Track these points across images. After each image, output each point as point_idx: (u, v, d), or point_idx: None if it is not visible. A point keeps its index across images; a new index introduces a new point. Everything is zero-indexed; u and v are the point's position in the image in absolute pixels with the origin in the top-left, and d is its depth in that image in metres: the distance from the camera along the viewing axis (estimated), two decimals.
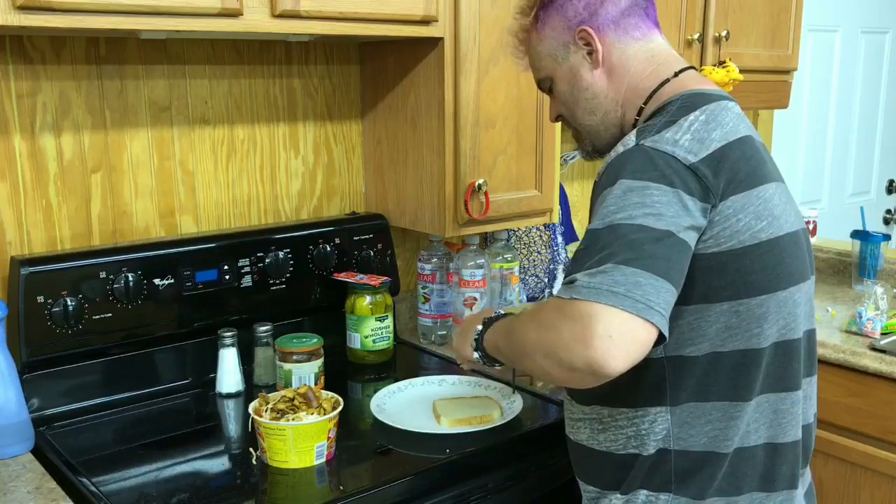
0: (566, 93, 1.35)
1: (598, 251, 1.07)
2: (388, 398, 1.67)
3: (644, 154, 1.13)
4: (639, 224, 1.07)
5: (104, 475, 1.40)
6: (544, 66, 1.36)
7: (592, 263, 1.06)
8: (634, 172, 1.12)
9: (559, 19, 1.31)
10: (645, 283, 1.03)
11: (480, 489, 1.48)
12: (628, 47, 1.29)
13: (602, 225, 1.09)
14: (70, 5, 1.31)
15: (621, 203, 1.09)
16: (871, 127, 3.93)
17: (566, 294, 1.06)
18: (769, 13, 2.47)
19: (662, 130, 1.16)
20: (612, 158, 1.18)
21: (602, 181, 1.17)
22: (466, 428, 1.53)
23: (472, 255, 2.06)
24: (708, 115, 1.19)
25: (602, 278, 1.04)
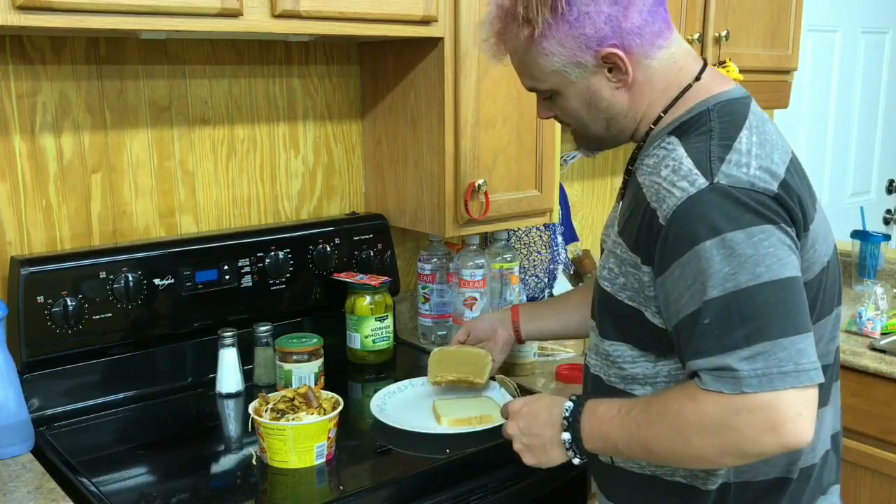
0: (577, 110, 1.22)
1: (740, 325, 1.01)
2: (388, 398, 1.67)
3: (727, 195, 1.04)
4: (767, 282, 1.01)
5: (104, 475, 1.40)
6: (549, 81, 1.21)
7: (739, 342, 1.00)
8: (730, 221, 1.02)
9: (573, 36, 1.14)
10: (803, 346, 1.01)
11: (480, 489, 1.48)
12: (654, 60, 1.17)
13: (725, 292, 1.01)
14: (70, 5, 1.31)
15: (734, 262, 1.01)
16: (871, 127, 3.93)
17: (728, 388, 1.00)
18: (769, 13, 2.47)
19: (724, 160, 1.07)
20: (679, 200, 1.06)
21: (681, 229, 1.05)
22: (466, 428, 1.53)
23: (472, 255, 2.06)
24: (758, 136, 1.11)
25: (766, 362, 0.99)
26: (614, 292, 1.19)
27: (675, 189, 1.07)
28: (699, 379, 1.04)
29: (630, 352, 1.20)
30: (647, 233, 1.10)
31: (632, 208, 1.16)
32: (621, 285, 1.17)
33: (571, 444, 1.19)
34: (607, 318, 1.22)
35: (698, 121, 1.14)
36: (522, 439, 1.25)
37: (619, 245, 1.18)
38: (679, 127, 1.16)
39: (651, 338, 1.16)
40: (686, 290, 1.05)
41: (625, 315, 1.18)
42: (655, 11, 1.15)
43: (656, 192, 1.10)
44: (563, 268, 2.57)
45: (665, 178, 1.09)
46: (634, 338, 1.19)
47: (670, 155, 1.12)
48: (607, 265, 1.21)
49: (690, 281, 1.04)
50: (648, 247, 1.10)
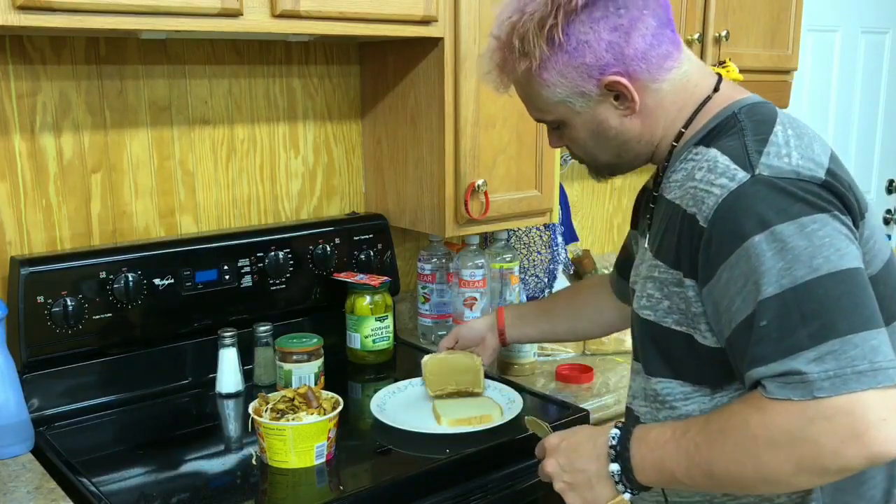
0: (586, 140, 1.17)
1: (801, 324, 0.92)
2: (389, 398, 1.67)
3: (772, 186, 0.97)
4: (826, 274, 0.92)
5: (104, 475, 1.40)
6: (554, 112, 1.16)
7: (803, 343, 0.91)
8: (778, 212, 0.95)
9: (573, 66, 1.09)
10: (877, 342, 0.91)
11: (480, 489, 1.47)
12: (663, 83, 1.11)
13: (781, 289, 0.93)
14: (70, 5, 1.31)
15: (788, 255, 0.93)
16: (871, 127, 3.93)
17: (797, 394, 0.90)
18: (769, 13, 2.47)
19: (762, 152, 1.00)
20: (719, 198, 0.99)
21: (725, 228, 0.98)
22: (466, 428, 1.53)
23: (472, 255, 2.06)
24: (793, 129, 1.05)
25: (836, 362, 0.89)
26: (658, 319, 1.10)
27: (714, 187, 1.00)
28: (763, 388, 0.94)
29: (681, 388, 1.11)
30: (689, 241, 1.02)
31: (665, 225, 1.10)
32: (665, 310, 1.09)
33: (621, 476, 1.07)
34: (653, 352, 1.13)
35: (726, 125, 1.09)
36: (564, 477, 1.13)
37: (656, 267, 1.10)
38: (706, 136, 1.10)
39: (704, 366, 1.07)
40: (737, 295, 0.97)
41: (673, 343, 1.09)
42: (661, 34, 1.10)
43: (693, 196, 1.03)
44: (563, 268, 2.57)
45: (701, 180, 1.03)
46: (685, 371, 1.10)
47: (702, 158, 1.06)
48: (644, 293, 1.13)
49: (741, 283, 0.96)
50: (691, 257, 1.03)
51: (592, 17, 1.07)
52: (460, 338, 1.73)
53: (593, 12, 1.07)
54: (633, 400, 1.23)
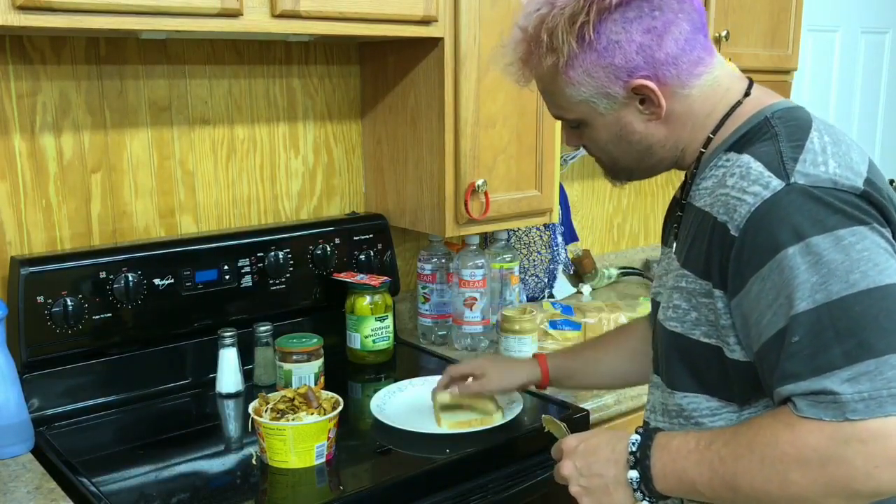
0: (607, 142, 1.14)
1: (836, 342, 0.89)
2: (389, 398, 1.67)
3: (808, 195, 0.93)
4: (864, 290, 0.89)
5: (104, 475, 1.40)
6: (575, 111, 1.12)
7: (837, 362, 0.88)
8: (814, 224, 0.91)
9: (601, 66, 1.06)
10: None
11: (480, 489, 1.47)
12: (692, 89, 1.08)
13: (815, 304, 0.90)
14: (70, 5, 1.31)
15: (822, 269, 0.90)
16: (871, 127, 3.93)
17: (829, 415, 0.88)
18: (769, 13, 2.47)
19: (797, 159, 0.97)
20: (752, 207, 0.95)
21: (758, 238, 0.95)
22: (466, 429, 1.53)
23: (472, 255, 2.06)
24: (830, 136, 1.01)
25: (871, 383, 0.86)
26: (686, 331, 1.07)
27: (747, 195, 0.96)
28: (793, 405, 0.91)
29: (708, 403, 1.08)
30: (719, 251, 0.99)
31: (694, 234, 1.07)
32: (693, 321, 1.06)
33: (639, 483, 1.03)
34: (678, 366, 1.10)
35: (759, 130, 1.05)
36: (580, 481, 1.09)
37: (683, 277, 1.07)
38: (737, 142, 1.07)
39: (733, 381, 1.04)
40: (768, 308, 0.94)
41: (701, 357, 1.06)
42: (694, 39, 1.06)
43: (724, 203, 0.99)
44: (563, 268, 2.58)
45: (733, 187, 0.99)
46: (713, 385, 1.07)
47: (734, 164, 1.02)
48: (671, 304, 1.10)
49: (773, 296, 0.93)
50: (720, 267, 1.00)
51: (626, 17, 1.04)
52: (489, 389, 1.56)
53: (627, 12, 1.04)
54: (650, 414, 1.21)
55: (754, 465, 0.93)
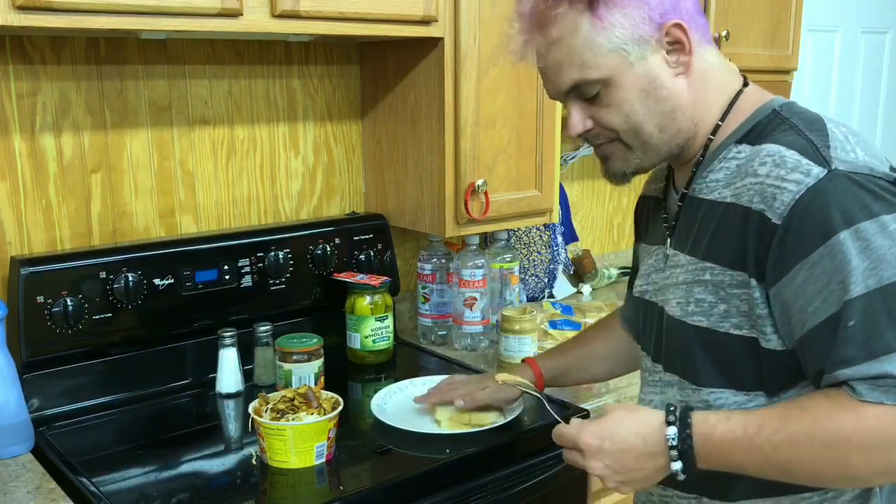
0: (633, 102, 1.07)
1: (889, 326, 0.90)
2: (389, 398, 1.67)
3: (852, 181, 0.94)
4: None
5: (104, 475, 1.40)
6: (602, 65, 1.05)
7: (893, 344, 0.89)
8: (861, 209, 0.93)
9: (637, 4, 1.03)
10: None
11: (480, 489, 1.47)
12: (706, 52, 1.09)
13: (867, 289, 0.91)
14: (70, 5, 1.31)
15: (872, 255, 0.91)
16: (872, 127, 3.93)
17: (891, 398, 0.89)
18: (769, 13, 2.47)
19: (829, 147, 0.97)
20: (796, 194, 0.95)
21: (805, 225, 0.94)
22: (466, 430, 1.53)
23: (472, 255, 2.06)
24: (844, 126, 1.02)
25: None
26: (713, 325, 1.05)
27: (788, 183, 0.96)
28: (852, 389, 0.92)
29: (735, 397, 1.07)
30: (757, 240, 0.98)
31: (714, 226, 1.06)
32: (721, 314, 1.04)
33: (684, 471, 1.02)
34: (704, 362, 1.08)
35: (770, 122, 1.05)
36: (617, 477, 1.07)
37: (707, 270, 1.06)
38: (747, 134, 1.07)
39: (765, 372, 1.04)
40: (817, 294, 0.94)
41: (731, 350, 1.05)
42: (701, 11, 1.10)
43: (760, 192, 0.98)
44: (563, 268, 2.58)
45: (768, 175, 0.98)
46: (741, 378, 1.06)
47: (758, 155, 1.01)
48: (692, 299, 1.08)
49: (824, 281, 0.93)
50: (757, 256, 0.99)
51: None
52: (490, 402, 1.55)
53: None
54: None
55: (815, 451, 0.93)
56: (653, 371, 1.20)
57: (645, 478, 1.06)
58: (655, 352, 1.20)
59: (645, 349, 1.24)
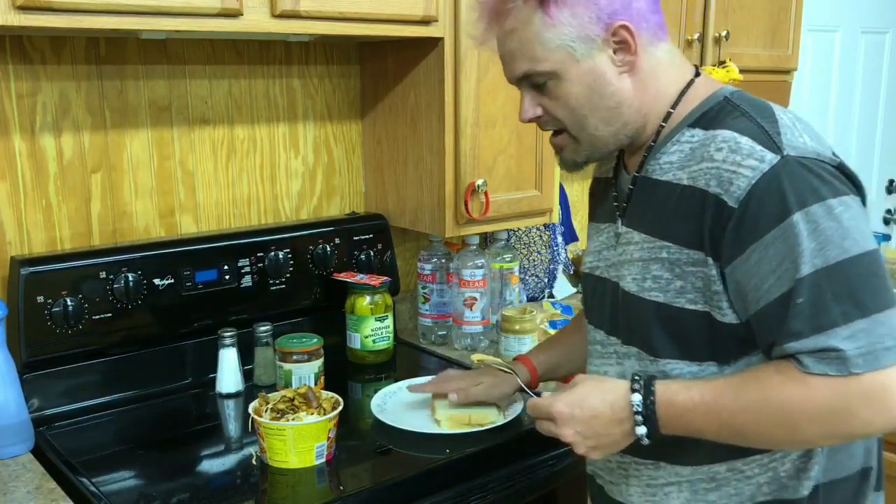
0: (578, 96, 1.13)
1: (834, 303, 0.97)
2: (389, 398, 1.67)
3: (802, 166, 1.00)
4: (855, 256, 0.98)
5: (104, 475, 1.40)
6: (550, 60, 1.11)
7: (837, 320, 0.96)
8: (811, 193, 0.99)
9: (587, 5, 1.08)
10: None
11: (480, 489, 1.48)
12: (657, 50, 1.14)
13: (814, 268, 0.97)
14: (70, 5, 1.31)
15: (820, 237, 0.97)
16: (871, 127, 3.93)
17: (834, 369, 0.96)
18: (769, 13, 2.47)
19: (779, 133, 1.03)
20: (751, 179, 1.00)
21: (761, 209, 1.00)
22: (466, 430, 1.53)
23: (472, 255, 2.06)
24: (790, 113, 1.08)
25: (868, 339, 0.96)
26: (669, 300, 1.10)
27: (744, 168, 1.01)
28: (799, 362, 0.99)
29: (689, 368, 1.12)
30: (713, 222, 1.04)
31: (670, 206, 1.10)
32: (678, 290, 1.09)
33: (648, 435, 1.10)
34: (659, 334, 1.13)
35: (722, 109, 1.10)
36: (587, 442, 1.14)
37: (663, 248, 1.10)
38: (699, 119, 1.12)
39: (718, 343, 1.09)
40: (771, 273, 1.00)
41: (685, 324, 1.10)
42: (656, 8, 1.14)
43: (717, 176, 1.03)
44: (563, 268, 2.58)
45: (725, 160, 1.03)
46: (694, 350, 1.11)
47: (713, 140, 1.06)
48: (648, 275, 1.12)
49: (777, 262, 0.99)
50: (713, 236, 1.04)
51: None
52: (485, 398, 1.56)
53: None
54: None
55: (766, 418, 1.02)
56: (607, 344, 1.25)
57: (613, 443, 1.13)
58: (611, 325, 1.23)
59: (595, 323, 1.28)
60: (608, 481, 1.28)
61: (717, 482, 1.14)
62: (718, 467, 1.13)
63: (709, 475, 1.14)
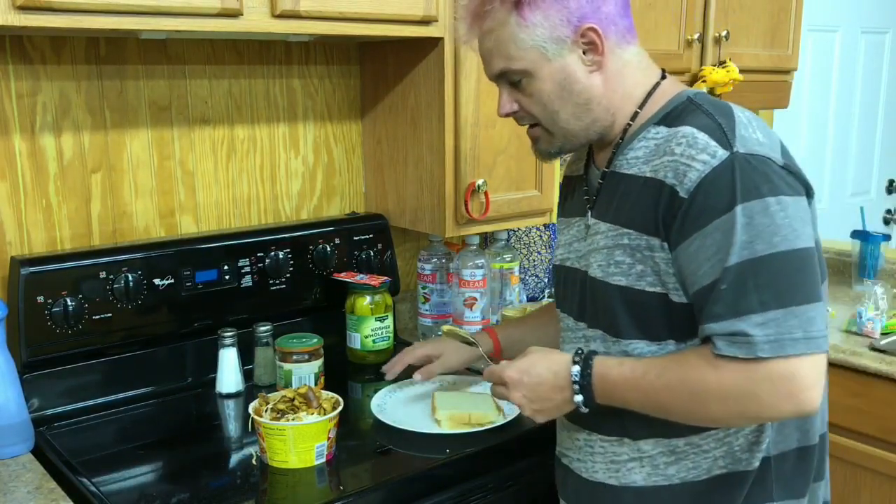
0: (550, 93, 1.20)
1: (754, 292, 1.04)
2: (389, 397, 1.67)
3: (747, 164, 1.08)
4: (782, 252, 1.05)
5: (104, 475, 1.40)
6: (524, 58, 1.19)
7: (754, 307, 1.04)
8: (750, 190, 1.06)
9: (556, 10, 1.16)
10: (813, 314, 1.05)
11: (480, 489, 1.48)
12: (625, 52, 1.21)
13: (741, 259, 1.05)
14: (70, 5, 1.31)
15: (752, 231, 1.05)
16: (871, 127, 3.93)
17: (742, 352, 1.04)
18: (769, 13, 2.47)
19: (734, 131, 1.10)
20: (702, 173, 1.08)
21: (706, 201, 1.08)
22: (466, 430, 1.53)
23: (472, 255, 2.06)
24: (747, 113, 1.15)
25: (777, 328, 1.03)
26: (631, 283, 1.18)
27: (696, 162, 1.09)
28: (713, 345, 1.07)
29: (649, 347, 1.19)
30: (666, 210, 1.12)
31: (633, 198, 1.18)
32: (638, 273, 1.17)
33: (584, 403, 1.20)
34: (623, 316, 1.20)
35: (685, 108, 1.18)
36: (533, 405, 1.25)
37: (625, 235, 1.18)
38: (664, 118, 1.19)
39: (675, 322, 1.16)
40: (706, 261, 1.08)
41: (646, 305, 1.17)
42: (626, 13, 1.22)
43: (674, 169, 1.11)
44: None
45: (682, 154, 1.11)
46: (654, 330, 1.19)
47: (675, 136, 1.14)
48: (612, 261, 1.20)
49: (713, 251, 1.07)
50: (665, 223, 1.12)
51: None
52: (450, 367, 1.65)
53: None
54: None
55: (684, 397, 1.11)
56: (575, 329, 1.32)
57: (555, 407, 1.24)
58: (579, 311, 1.30)
59: (566, 311, 1.35)
60: (575, 459, 1.33)
61: (677, 455, 1.21)
62: (677, 441, 1.21)
63: (669, 448, 1.21)
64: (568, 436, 1.35)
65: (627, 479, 1.25)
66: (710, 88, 2.24)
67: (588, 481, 1.30)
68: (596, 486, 1.29)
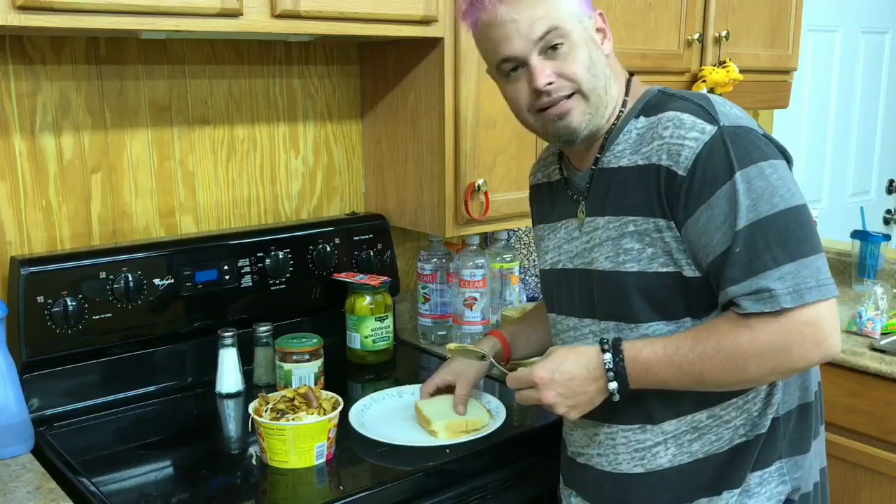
0: (584, 57, 1.23)
1: (766, 250, 1.11)
2: (364, 415, 1.59)
3: (735, 134, 1.15)
4: (783, 210, 1.12)
5: (104, 475, 1.40)
6: (570, 21, 1.23)
7: (769, 264, 1.11)
8: (744, 158, 1.13)
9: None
10: (820, 263, 1.12)
11: (480, 489, 1.48)
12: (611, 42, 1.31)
13: (749, 222, 1.12)
14: (70, 5, 1.31)
15: (753, 195, 1.12)
16: (871, 127, 3.93)
17: (768, 307, 1.10)
18: (769, 13, 2.47)
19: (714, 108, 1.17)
20: (695, 150, 1.15)
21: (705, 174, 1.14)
22: (465, 437, 1.50)
23: (472, 255, 2.06)
24: (722, 97, 1.23)
25: (793, 280, 1.10)
26: (644, 268, 1.22)
27: (688, 140, 1.16)
28: (737, 306, 1.13)
29: (667, 327, 1.23)
30: (668, 191, 1.17)
31: (629, 186, 1.23)
32: (650, 256, 1.21)
33: (618, 390, 1.22)
34: (638, 301, 1.23)
35: (660, 99, 1.25)
36: (567, 402, 1.24)
37: (630, 223, 1.22)
38: (642, 109, 1.26)
39: (692, 298, 1.21)
40: (717, 230, 1.13)
41: (662, 286, 1.21)
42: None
43: (667, 151, 1.17)
44: None
45: (671, 136, 1.17)
46: (671, 308, 1.22)
47: (659, 122, 1.20)
48: (620, 250, 1.23)
49: (721, 219, 1.13)
50: (669, 203, 1.18)
51: None
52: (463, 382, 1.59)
53: None
54: None
55: (720, 362, 1.14)
56: (580, 327, 1.34)
57: (589, 400, 1.24)
58: (584, 309, 1.32)
59: (563, 312, 1.38)
60: (595, 455, 1.35)
61: (700, 431, 1.25)
62: (700, 416, 1.25)
63: (692, 425, 1.25)
64: (584, 433, 1.35)
65: (653, 464, 1.28)
66: (710, 88, 2.24)
67: (612, 474, 1.32)
68: (620, 477, 1.31)
